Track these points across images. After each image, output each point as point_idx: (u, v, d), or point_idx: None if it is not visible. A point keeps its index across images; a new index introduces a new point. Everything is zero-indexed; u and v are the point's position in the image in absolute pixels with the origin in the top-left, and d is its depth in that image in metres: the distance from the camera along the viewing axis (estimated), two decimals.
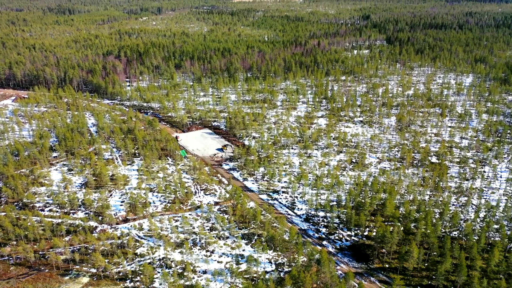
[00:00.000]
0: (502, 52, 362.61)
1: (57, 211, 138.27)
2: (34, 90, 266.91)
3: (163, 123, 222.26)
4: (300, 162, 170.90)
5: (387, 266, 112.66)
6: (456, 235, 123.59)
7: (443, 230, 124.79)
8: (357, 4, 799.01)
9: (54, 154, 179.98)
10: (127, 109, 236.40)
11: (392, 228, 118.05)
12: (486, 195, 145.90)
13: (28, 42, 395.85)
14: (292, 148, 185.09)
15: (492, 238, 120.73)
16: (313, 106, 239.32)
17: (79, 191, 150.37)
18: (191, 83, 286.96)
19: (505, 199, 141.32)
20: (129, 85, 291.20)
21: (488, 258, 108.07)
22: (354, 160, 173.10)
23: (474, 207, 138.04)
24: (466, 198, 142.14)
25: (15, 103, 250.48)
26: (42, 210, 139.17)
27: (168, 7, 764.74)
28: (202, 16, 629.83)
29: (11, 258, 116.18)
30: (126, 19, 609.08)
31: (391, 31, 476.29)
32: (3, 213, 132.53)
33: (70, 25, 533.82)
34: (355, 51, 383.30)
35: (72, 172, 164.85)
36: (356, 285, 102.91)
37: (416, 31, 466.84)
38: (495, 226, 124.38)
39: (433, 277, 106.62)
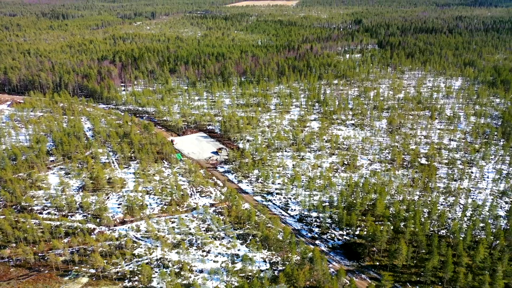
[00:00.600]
0: (491, 56, 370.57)
1: (55, 214, 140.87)
2: (30, 95, 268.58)
3: (159, 127, 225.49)
4: (293, 165, 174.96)
5: (377, 263, 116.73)
6: (444, 234, 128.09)
7: (431, 229, 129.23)
8: (349, 9, 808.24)
9: (51, 158, 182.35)
10: (122, 114, 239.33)
11: (382, 227, 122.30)
12: (473, 195, 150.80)
13: (22, 47, 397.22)
14: (285, 151, 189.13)
15: (478, 236, 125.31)
16: (306, 109, 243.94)
17: (77, 194, 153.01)
18: (186, 88, 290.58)
19: (491, 199, 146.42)
20: (124, 90, 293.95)
21: (473, 254, 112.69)
22: (346, 162, 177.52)
23: (461, 206, 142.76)
24: (453, 198, 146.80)
25: (11, 108, 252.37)
26: (41, 213, 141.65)
27: (161, 12, 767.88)
28: (196, 20, 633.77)
29: (11, 260, 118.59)
30: (120, 24, 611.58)
31: (382, 35, 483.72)
32: (2, 216, 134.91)
33: (64, 30, 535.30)
34: (347, 55, 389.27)
35: (69, 175, 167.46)
36: (348, 282, 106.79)
37: (407, 35, 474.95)
38: (481, 225, 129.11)
39: (421, 273, 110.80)
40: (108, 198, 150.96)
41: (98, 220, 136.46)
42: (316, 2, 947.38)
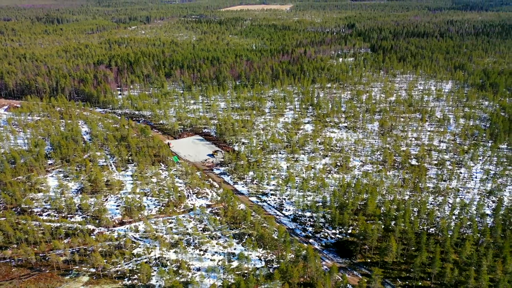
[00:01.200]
0: (481, 59, 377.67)
1: (55, 216, 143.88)
2: (27, 99, 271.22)
3: (155, 130, 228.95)
4: (287, 166, 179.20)
5: (368, 260, 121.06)
6: (432, 231, 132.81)
7: (420, 227, 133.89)
8: (342, 13, 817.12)
9: (50, 161, 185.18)
10: (119, 117, 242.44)
11: (373, 225, 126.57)
12: (461, 195, 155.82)
13: (18, 51, 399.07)
14: (280, 153, 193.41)
15: (465, 233, 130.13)
16: (299, 112, 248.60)
17: (76, 196, 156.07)
18: (181, 92, 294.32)
19: (479, 198, 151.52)
20: (120, 94, 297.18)
21: (460, 251, 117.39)
22: (338, 164, 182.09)
23: (449, 205, 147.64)
24: (442, 198, 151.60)
25: (8, 112, 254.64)
26: (40, 215, 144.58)
27: (156, 16, 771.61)
28: (190, 25, 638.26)
29: (13, 260, 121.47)
30: (115, 28, 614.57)
31: (375, 39, 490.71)
32: (3, 218, 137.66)
33: (59, 34, 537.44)
34: (340, 59, 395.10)
35: (68, 178, 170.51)
36: (340, 278, 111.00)
37: (399, 39, 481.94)
38: (468, 223, 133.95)
39: (411, 269, 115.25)
40: (106, 200, 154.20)
41: (97, 221, 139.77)
42: (310, 7, 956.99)
